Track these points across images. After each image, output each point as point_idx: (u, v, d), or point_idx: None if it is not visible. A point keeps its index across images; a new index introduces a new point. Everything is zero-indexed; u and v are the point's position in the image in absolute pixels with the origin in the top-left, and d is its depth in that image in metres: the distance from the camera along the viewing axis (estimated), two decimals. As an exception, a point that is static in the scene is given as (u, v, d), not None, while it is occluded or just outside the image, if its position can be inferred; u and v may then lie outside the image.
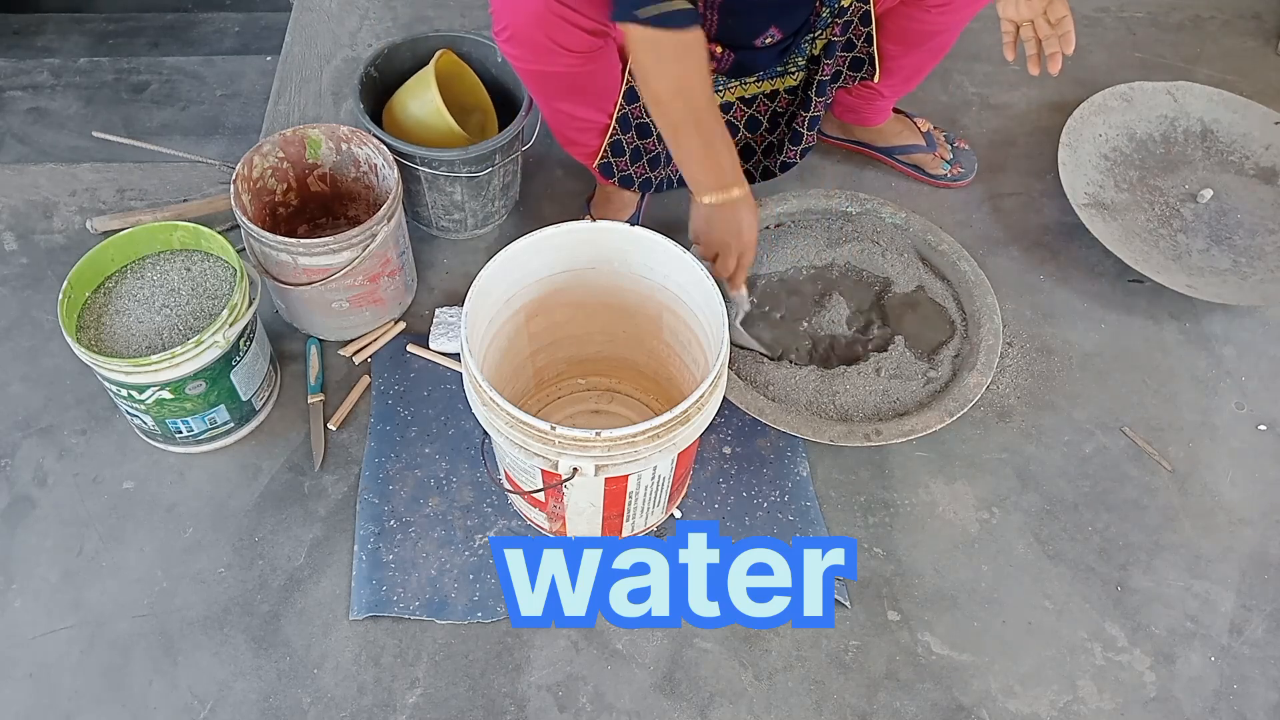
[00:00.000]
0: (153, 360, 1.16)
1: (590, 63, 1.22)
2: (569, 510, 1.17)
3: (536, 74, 1.25)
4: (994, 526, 1.34)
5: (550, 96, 1.32)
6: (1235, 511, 1.37)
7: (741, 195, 1.23)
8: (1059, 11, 1.23)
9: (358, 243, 1.30)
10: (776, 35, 1.35)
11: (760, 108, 1.50)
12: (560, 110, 1.34)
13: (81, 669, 1.19)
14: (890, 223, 1.54)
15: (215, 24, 2.01)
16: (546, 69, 1.22)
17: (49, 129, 1.75)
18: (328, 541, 1.29)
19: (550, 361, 1.33)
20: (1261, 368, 1.52)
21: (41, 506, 1.30)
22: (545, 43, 1.17)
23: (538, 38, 1.17)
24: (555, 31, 1.16)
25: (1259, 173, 1.69)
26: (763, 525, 1.31)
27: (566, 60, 1.20)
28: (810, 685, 1.21)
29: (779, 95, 1.48)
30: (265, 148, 1.37)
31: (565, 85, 1.27)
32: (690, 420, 1.03)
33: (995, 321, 1.43)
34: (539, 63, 1.21)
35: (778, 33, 1.34)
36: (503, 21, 1.18)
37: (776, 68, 1.43)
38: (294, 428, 1.38)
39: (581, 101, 1.32)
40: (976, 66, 1.89)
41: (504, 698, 1.18)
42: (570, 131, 1.39)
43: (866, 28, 1.42)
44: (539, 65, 1.22)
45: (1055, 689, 1.22)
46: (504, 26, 1.18)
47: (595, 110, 1.35)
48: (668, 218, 1.63)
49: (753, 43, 1.34)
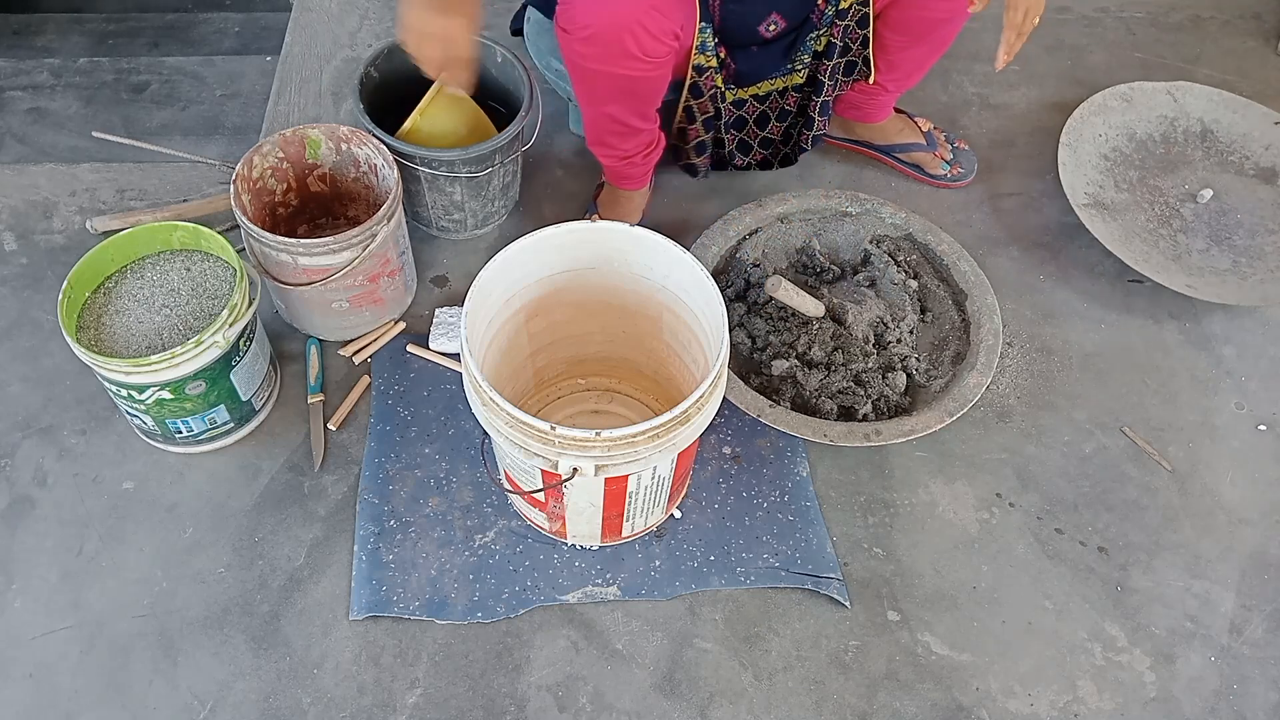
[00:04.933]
0: (153, 360, 1.16)
1: (656, 69, 1.23)
2: (569, 510, 1.17)
3: (603, 75, 1.24)
4: (994, 526, 1.34)
5: (602, 99, 1.31)
6: (1235, 511, 1.37)
7: None
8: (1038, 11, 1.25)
9: (358, 243, 1.30)
10: (780, 23, 1.35)
11: (772, 104, 1.53)
12: (605, 113, 1.34)
13: (81, 669, 1.19)
14: (890, 222, 1.54)
15: (215, 24, 2.01)
16: (615, 71, 1.22)
17: (49, 129, 1.75)
18: (328, 541, 1.29)
19: (550, 361, 1.33)
20: (1261, 368, 1.52)
21: (41, 506, 1.30)
22: (629, 46, 1.17)
23: (623, 41, 1.16)
24: (643, 36, 1.16)
25: (1259, 173, 1.69)
26: (763, 525, 1.31)
27: (639, 66, 1.20)
28: (810, 685, 1.21)
29: (788, 92, 1.51)
30: (265, 148, 1.37)
31: (623, 89, 1.27)
32: (690, 420, 1.03)
33: (995, 321, 1.43)
34: (612, 65, 1.20)
35: (780, 20, 1.35)
36: (584, 20, 1.17)
37: (785, 66, 1.44)
38: (294, 428, 1.38)
39: (629, 106, 1.33)
40: (976, 66, 1.89)
41: (504, 698, 1.18)
42: (606, 134, 1.40)
43: (864, 30, 1.43)
44: (610, 67, 1.21)
45: (1055, 689, 1.22)
46: (585, 25, 1.17)
47: (637, 116, 1.35)
48: (668, 218, 1.63)
49: (756, 29, 1.35)
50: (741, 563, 1.28)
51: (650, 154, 1.46)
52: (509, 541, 1.29)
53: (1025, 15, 1.25)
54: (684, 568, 1.28)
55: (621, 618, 1.25)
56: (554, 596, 1.25)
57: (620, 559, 1.28)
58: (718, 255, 1.50)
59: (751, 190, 1.65)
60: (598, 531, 1.24)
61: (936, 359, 1.44)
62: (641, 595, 1.26)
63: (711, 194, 1.66)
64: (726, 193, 1.65)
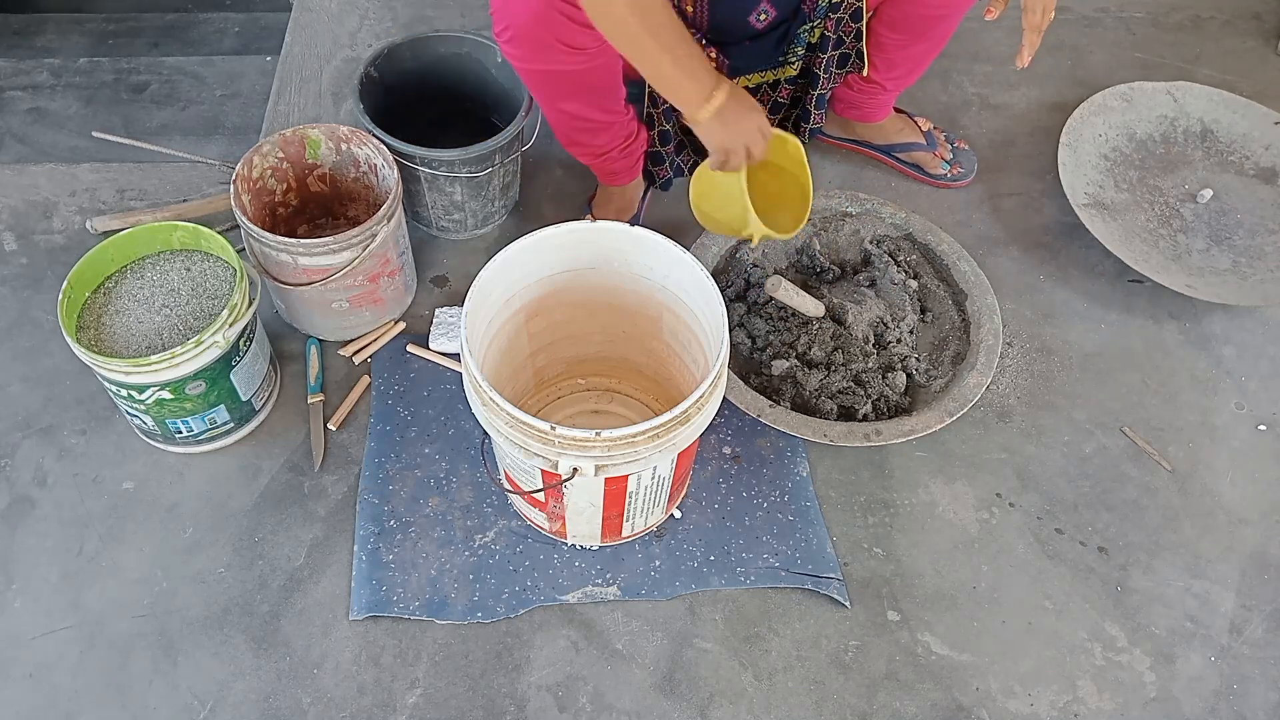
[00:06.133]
0: (152, 360, 1.16)
1: (592, 60, 1.22)
2: (569, 510, 1.17)
3: (539, 74, 1.25)
4: (994, 526, 1.34)
5: (553, 97, 1.31)
6: (1235, 511, 1.37)
7: (731, 89, 1.18)
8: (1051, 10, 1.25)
9: (358, 243, 1.30)
10: (771, 13, 1.35)
11: (763, 96, 1.52)
12: (564, 111, 1.34)
13: (81, 669, 1.19)
14: (890, 222, 1.54)
15: (215, 24, 2.01)
16: (549, 68, 1.22)
17: (49, 129, 1.75)
18: (328, 541, 1.29)
19: (550, 361, 1.33)
20: (1261, 368, 1.52)
21: (41, 506, 1.30)
22: (548, 41, 1.17)
23: (540, 36, 1.17)
24: (558, 29, 1.16)
25: (1259, 173, 1.69)
26: (763, 525, 1.31)
27: (569, 59, 1.20)
28: (810, 685, 1.21)
29: (780, 85, 1.50)
30: (265, 148, 1.37)
31: (568, 85, 1.27)
32: (690, 420, 1.03)
33: (995, 321, 1.43)
34: (541, 62, 1.21)
35: (771, 9, 1.34)
36: (504, 22, 1.18)
37: (778, 58, 1.44)
38: (294, 428, 1.38)
39: (584, 101, 1.32)
40: (976, 66, 1.89)
41: (504, 698, 1.18)
42: (573, 132, 1.40)
43: (857, 23, 1.43)
44: (541, 65, 1.22)
45: (1055, 689, 1.22)
46: (505, 26, 1.18)
47: (598, 110, 1.35)
48: (668, 218, 1.63)
49: (747, 19, 1.34)
50: (741, 563, 1.28)
51: (629, 147, 1.45)
52: (509, 541, 1.29)
53: (1043, 14, 1.25)
54: (684, 568, 1.28)
55: (621, 618, 1.25)
56: (554, 596, 1.25)
57: (620, 559, 1.28)
58: (718, 255, 1.50)
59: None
60: (598, 531, 1.24)
61: (936, 359, 1.44)
62: (641, 595, 1.26)
63: (711, 194, 1.66)
64: (726, 193, 1.65)
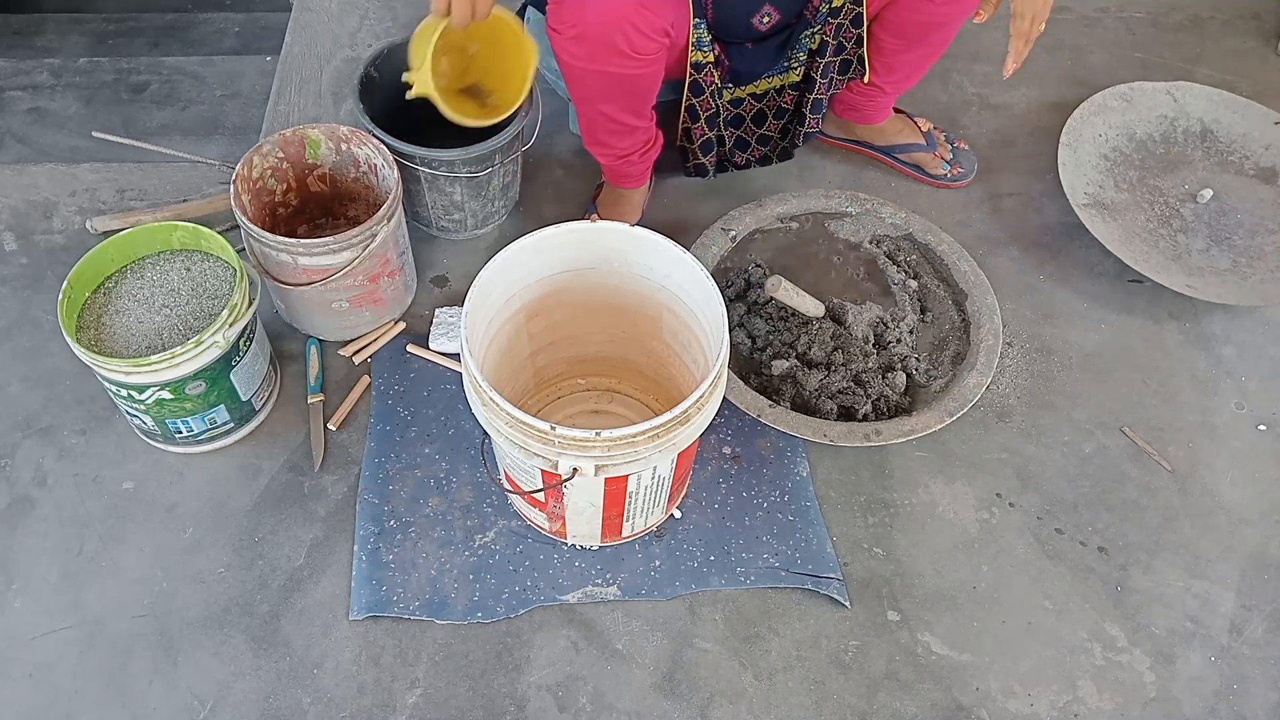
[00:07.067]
0: (152, 360, 1.16)
1: (645, 67, 1.23)
2: (569, 510, 1.17)
3: (592, 74, 1.24)
4: (994, 526, 1.34)
5: (595, 98, 1.31)
6: (1235, 511, 1.37)
7: None
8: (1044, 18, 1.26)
9: (358, 243, 1.30)
10: (773, 15, 1.35)
11: (769, 103, 1.53)
12: (601, 112, 1.34)
13: (81, 669, 1.19)
14: (890, 222, 1.54)
15: (215, 24, 2.01)
16: (603, 69, 1.22)
17: (49, 129, 1.75)
18: (328, 542, 1.29)
19: (550, 361, 1.33)
20: (1261, 368, 1.52)
21: (41, 506, 1.30)
22: (618, 44, 1.16)
23: (609, 38, 1.16)
24: (632, 34, 1.16)
25: (1259, 173, 1.69)
26: (763, 525, 1.31)
27: (626, 63, 1.20)
28: (810, 685, 1.21)
29: (785, 90, 1.51)
30: (265, 148, 1.37)
31: (615, 87, 1.27)
32: (690, 420, 1.03)
33: (995, 321, 1.43)
34: (599, 63, 1.20)
35: (774, 12, 1.35)
36: (572, 19, 1.17)
37: (781, 64, 1.44)
38: (294, 428, 1.38)
39: (622, 104, 1.33)
40: (976, 66, 1.89)
41: (504, 698, 1.18)
42: (602, 133, 1.40)
43: (858, 29, 1.43)
44: (597, 65, 1.21)
45: (1055, 689, 1.22)
46: (572, 24, 1.17)
47: (632, 114, 1.35)
48: (668, 218, 1.63)
49: (750, 20, 1.34)
50: (741, 563, 1.28)
51: (648, 152, 1.46)
52: (509, 541, 1.29)
53: (1032, 22, 1.25)
54: (684, 568, 1.28)
55: (621, 618, 1.25)
56: (554, 596, 1.25)
57: (620, 559, 1.28)
58: (718, 255, 1.50)
59: (751, 190, 1.65)
60: (598, 531, 1.24)
61: (936, 359, 1.44)
62: (641, 595, 1.26)
63: (711, 194, 1.66)
64: (726, 193, 1.65)
